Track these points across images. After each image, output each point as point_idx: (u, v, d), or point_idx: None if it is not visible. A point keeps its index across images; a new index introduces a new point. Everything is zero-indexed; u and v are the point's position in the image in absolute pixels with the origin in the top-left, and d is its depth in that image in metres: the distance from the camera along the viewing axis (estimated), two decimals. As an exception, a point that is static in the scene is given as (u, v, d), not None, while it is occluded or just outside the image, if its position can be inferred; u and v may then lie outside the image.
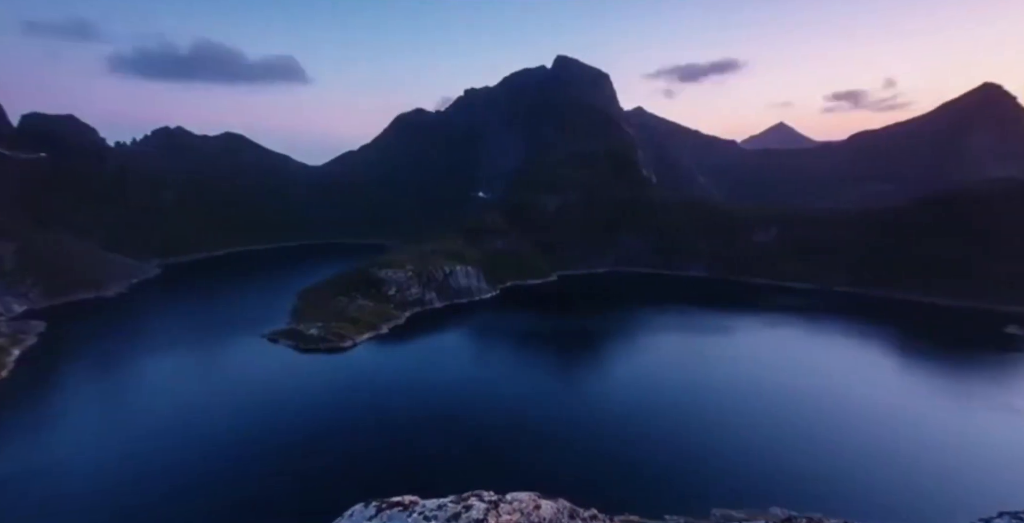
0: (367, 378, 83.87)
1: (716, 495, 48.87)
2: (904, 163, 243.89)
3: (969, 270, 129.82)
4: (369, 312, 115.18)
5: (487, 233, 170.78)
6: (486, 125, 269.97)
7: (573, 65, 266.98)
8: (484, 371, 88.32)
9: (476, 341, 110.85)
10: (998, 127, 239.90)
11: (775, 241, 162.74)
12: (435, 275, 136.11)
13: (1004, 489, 51.35)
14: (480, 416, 68.47)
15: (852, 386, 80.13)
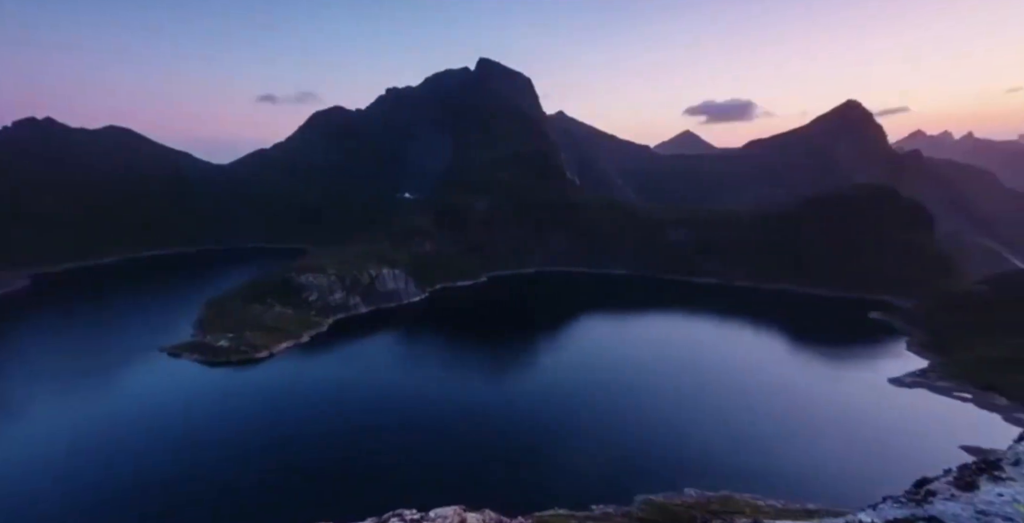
0: (284, 390, 77.75)
1: (638, 482, 50.83)
2: (788, 169, 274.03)
3: (842, 264, 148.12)
4: (288, 320, 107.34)
5: (415, 235, 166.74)
6: (410, 125, 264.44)
7: (496, 68, 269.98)
8: (411, 377, 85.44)
9: (404, 346, 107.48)
10: (859, 139, 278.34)
11: (686, 240, 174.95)
12: (360, 279, 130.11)
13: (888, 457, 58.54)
14: (407, 425, 65.94)
15: (751, 371, 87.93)
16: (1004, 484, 2.30)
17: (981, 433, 62.59)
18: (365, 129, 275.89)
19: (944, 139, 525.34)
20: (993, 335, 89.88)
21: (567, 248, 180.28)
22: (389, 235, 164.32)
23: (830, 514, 38.37)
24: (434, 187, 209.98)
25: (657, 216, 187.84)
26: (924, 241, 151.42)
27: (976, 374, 77.98)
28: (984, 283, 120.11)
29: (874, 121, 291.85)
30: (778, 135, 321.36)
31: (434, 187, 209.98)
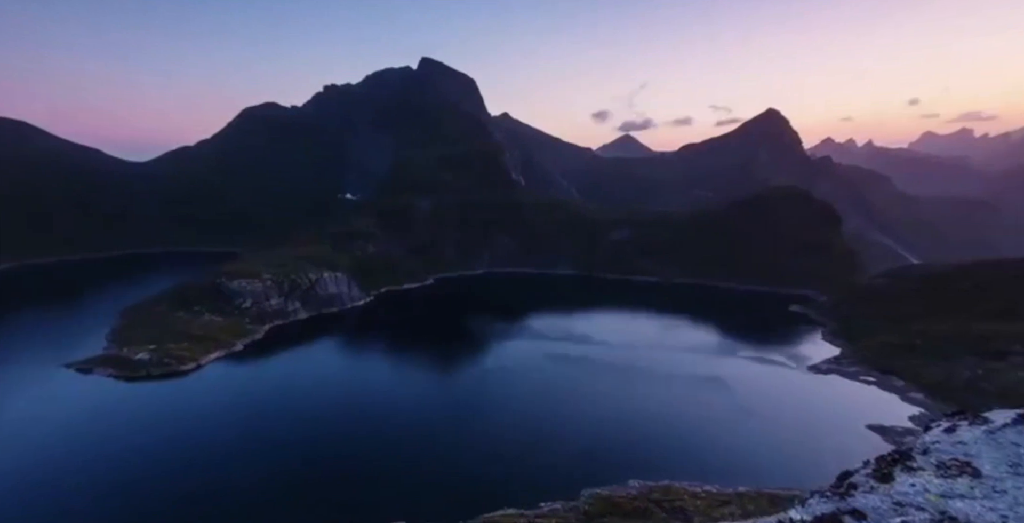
0: (213, 403, 72.73)
1: (583, 477, 52.02)
2: (718, 173, 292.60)
3: (766, 261, 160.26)
4: (218, 328, 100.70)
5: (358, 237, 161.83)
6: (351, 124, 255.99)
7: (439, 68, 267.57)
8: (354, 383, 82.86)
9: (347, 351, 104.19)
10: (778, 145, 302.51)
11: (627, 240, 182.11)
12: (300, 283, 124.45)
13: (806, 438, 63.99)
14: (349, 434, 63.69)
15: (687, 363, 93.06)
16: (916, 475, 2.46)
17: (882, 412, 70.03)
18: (302, 127, 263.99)
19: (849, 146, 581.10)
20: (892, 324, 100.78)
21: (513, 249, 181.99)
22: (330, 237, 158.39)
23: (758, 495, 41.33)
24: (377, 188, 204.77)
25: (599, 217, 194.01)
26: (834, 239, 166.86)
27: (878, 359, 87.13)
28: (883, 277, 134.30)
29: (791, 128, 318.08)
30: (708, 140, 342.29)
31: (377, 188, 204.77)
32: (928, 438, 2.89)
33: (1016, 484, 2.54)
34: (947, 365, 78.10)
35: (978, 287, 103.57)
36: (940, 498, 2.45)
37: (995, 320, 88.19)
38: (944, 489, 2.54)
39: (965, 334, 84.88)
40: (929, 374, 77.72)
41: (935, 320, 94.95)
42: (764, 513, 31.63)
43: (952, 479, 2.62)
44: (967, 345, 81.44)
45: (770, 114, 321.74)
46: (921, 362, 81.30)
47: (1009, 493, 2.47)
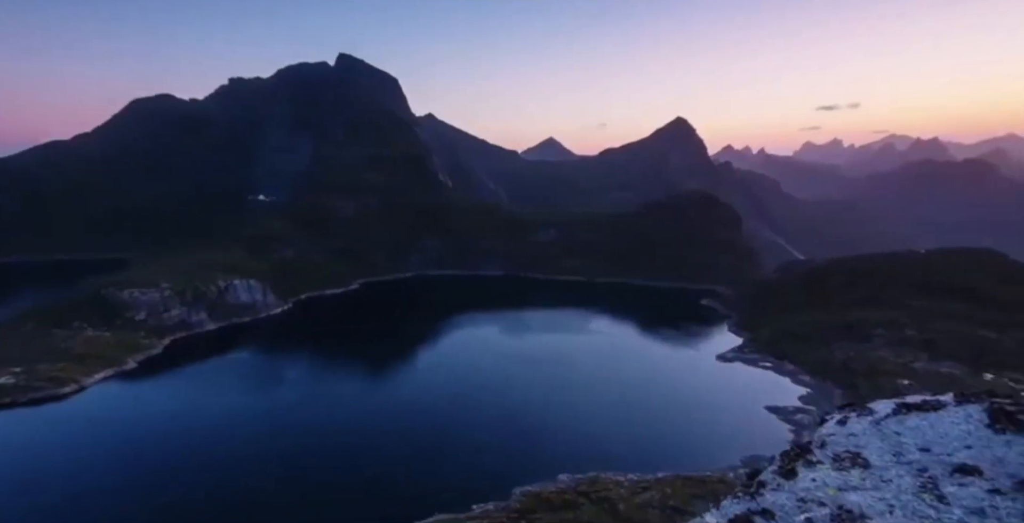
0: (92, 432, 64.24)
1: (514, 476, 52.96)
2: (634, 176, 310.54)
3: (679, 259, 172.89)
4: (105, 345, 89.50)
5: (274, 241, 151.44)
6: (262, 120, 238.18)
7: (358, 65, 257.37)
8: (267, 397, 77.40)
9: (262, 363, 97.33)
10: (686, 150, 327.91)
11: (553, 241, 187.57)
12: (206, 292, 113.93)
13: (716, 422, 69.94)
14: (261, 453, 59.03)
15: (609, 357, 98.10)
16: (815, 469, 2.85)
17: (777, 394, 78.65)
18: (204, 122, 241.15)
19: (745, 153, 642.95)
20: (783, 314, 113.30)
21: (443, 251, 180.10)
22: (242, 241, 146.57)
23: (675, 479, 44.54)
24: (294, 189, 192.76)
25: (526, 219, 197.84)
26: (736, 238, 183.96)
27: (773, 347, 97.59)
28: (775, 272, 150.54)
29: (697, 136, 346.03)
30: (626, 145, 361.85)
31: (294, 189, 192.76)
32: (824, 431, 3.17)
33: (899, 472, 2.69)
34: (826, 348, 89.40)
35: (848, 279, 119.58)
36: (838, 492, 2.60)
37: (862, 307, 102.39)
38: (840, 482, 2.68)
39: (839, 320, 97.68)
40: (813, 357, 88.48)
41: (816, 309, 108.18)
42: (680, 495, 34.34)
43: (846, 471, 2.74)
44: (841, 330, 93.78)
45: (679, 122, 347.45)
46: (807, 347, 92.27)
47: (894, 482, 2.63)
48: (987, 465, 2.56)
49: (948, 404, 2.89)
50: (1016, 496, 2.35)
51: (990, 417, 2.81)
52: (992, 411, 2.85)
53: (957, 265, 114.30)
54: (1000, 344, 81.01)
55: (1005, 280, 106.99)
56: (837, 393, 76.17)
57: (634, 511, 45.57)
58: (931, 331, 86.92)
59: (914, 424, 2.84)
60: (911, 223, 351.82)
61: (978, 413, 2.87)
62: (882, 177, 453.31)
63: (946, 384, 69.98)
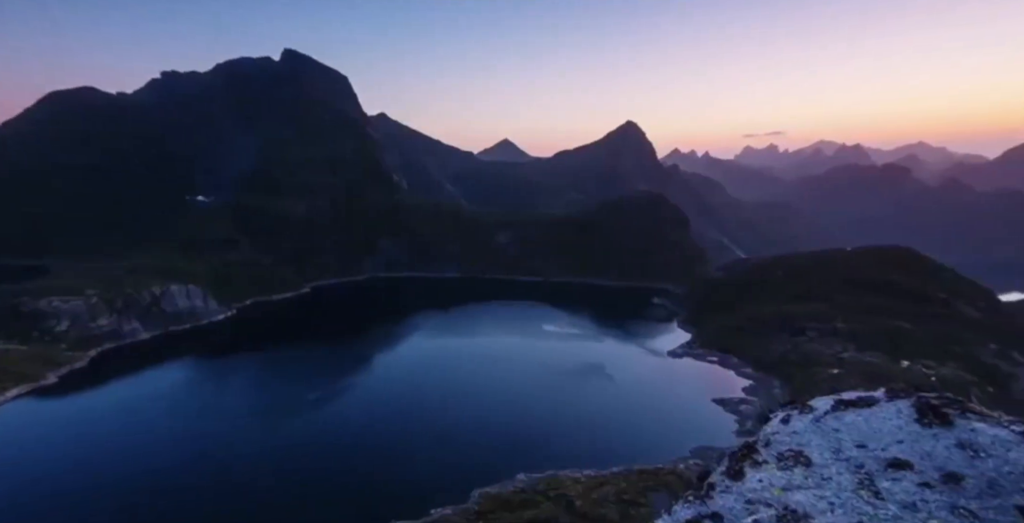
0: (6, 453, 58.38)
1: (473, 478, 52.81)
2: (588, 178, 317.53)
3: (632, 259, 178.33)
4: (19, 359, 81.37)
5: (216, 244, 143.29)
6: (200, 117, 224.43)
7: (306, 62, 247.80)
8: (208, 410, 72.85)
9: (201, 373, 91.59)
10: (636, 153, 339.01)
11: (511, 242, 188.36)
12: (138, 299, 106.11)
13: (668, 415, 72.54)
14: (203, 470, 55.64)
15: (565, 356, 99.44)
16: (761, 469, 2.91)
17: (723, 387, 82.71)
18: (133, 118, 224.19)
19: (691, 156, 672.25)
20: (728, 310, 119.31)
21: (399, 253, 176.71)
22: (179, 245, 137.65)
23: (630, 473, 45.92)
24: (238, 189, 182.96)
25: (484, 220, 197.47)
26: (684, 238, 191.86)
27: (719, 341, 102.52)
28: (720, 270, 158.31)
29: (646, 139, 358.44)
30: (581, 147, 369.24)
31: (238, 189, 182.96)
32: (769, 429, 3.30)
33: (838, 469, 2.73)
34: (766, 342, 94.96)
35: (785, 276, 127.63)
36: (783, 491, 2.62)
37: (797, 303, 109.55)
38: (785, 482, 2.70)
39: (777, 315, 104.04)
40: (754, 351, 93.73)
41: (757, 305, 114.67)
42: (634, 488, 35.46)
43: (790, 470, 2.78)
44: (779, 324, 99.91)
45: (629, 126, 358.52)
46: (749, 341, 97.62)
47: (834, 479, 2.67)
48: (917, 459, 2.63)
49: (880, 400, 3.10)
50: (943, 489, 2.43)
51: (918, 412, 2.88)
52: (920, 406, 2.91)
53: (878, 262, 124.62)
54: (914, 334, 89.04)
55: (918, 275, 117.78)
56: (776, 384, 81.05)
57: (590, 507, 46.53)
58: (856, 323, 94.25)
59: (850, 420, 2.95)
60: (839, 222, 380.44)
61: (907, 408, 2.93)
62: (813, 180, 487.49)
63: (870, 372, 76.14)
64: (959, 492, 2.40)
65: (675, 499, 3.31)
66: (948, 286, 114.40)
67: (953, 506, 2.33)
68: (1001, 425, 2.75)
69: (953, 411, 2.88)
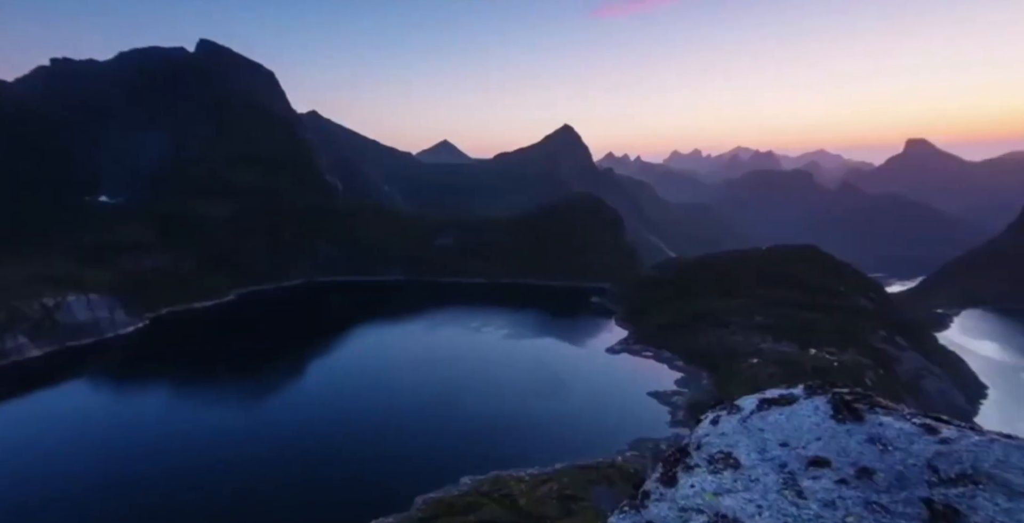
0: None
1: (415, 485, 51.78)
2: (527, 180, 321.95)
3: (571, 259, 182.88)
4: None
5: (124, 249, 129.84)
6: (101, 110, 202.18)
7: (226, 54, 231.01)
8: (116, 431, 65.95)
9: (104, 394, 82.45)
10: (574, 156, 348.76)
11: (455, 244, 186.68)
12: (27, 311, 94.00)
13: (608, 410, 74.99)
14: (123, 495, 50.91)
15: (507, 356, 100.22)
16: (693, 474, 2.94)
17: (658, 380, 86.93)
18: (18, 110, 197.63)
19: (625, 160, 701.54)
20: (661, 306, 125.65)
21: (337, 256, 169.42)
22: (79, 250, 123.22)
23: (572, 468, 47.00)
24: (149, 189, 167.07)
25: (425, 222, 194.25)
26: (619, 239, 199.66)
27: (653, 337, 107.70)
28: (654, 269, 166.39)
29: (583, 142, 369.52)
30: (520, 149, 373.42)
31: (149, 189, 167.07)
32: (700, 432, 3.37)
33: (764, 470, 2.75)
34: (695, 336, 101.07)
35: (710, 274, 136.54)
36: (714, 497, 2.63)
37: (722, 298, 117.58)
38: (716, 486, 2.70)
39: (705, 310, 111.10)
40: (684, 344, 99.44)
41: (687, 301, 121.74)
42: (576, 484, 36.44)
43: (720, 474, 2.81)
44: (706, 319, 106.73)
45: (566, 129, 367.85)
46: (680, 336, 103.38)
47: (760, 481, 2.69)
48: (834, 456, 2.70)
49: (800, 397, 3.29)
50: (858, 484, 2.50)
51: (833, 408, 2.99)
52: (834, 402, 3.03)
53: (788, 259, 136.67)
54: (820, 324, 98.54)
55: (822, 271, 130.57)
56: (704, 375, 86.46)
57: (534, 505, 47.13)
58: (772, 316, 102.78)
59: (774, 419, 3.14)
60: (755, 222, 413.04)
61: (824, 405, 3.05)
62: (732, 183, 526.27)
63: (784, 360, 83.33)
64: (872, 487, 2.46)
65: (614, 492, 3.35)
66: (846, 280, 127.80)
67: (867, 501, 2.39)
68: (905, 418, 2.82)
69: (863, 406, 2.96)
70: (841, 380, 71.73)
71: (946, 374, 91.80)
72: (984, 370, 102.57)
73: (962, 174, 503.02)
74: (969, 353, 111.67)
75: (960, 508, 2.23)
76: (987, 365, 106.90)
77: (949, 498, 2.28)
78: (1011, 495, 2.21)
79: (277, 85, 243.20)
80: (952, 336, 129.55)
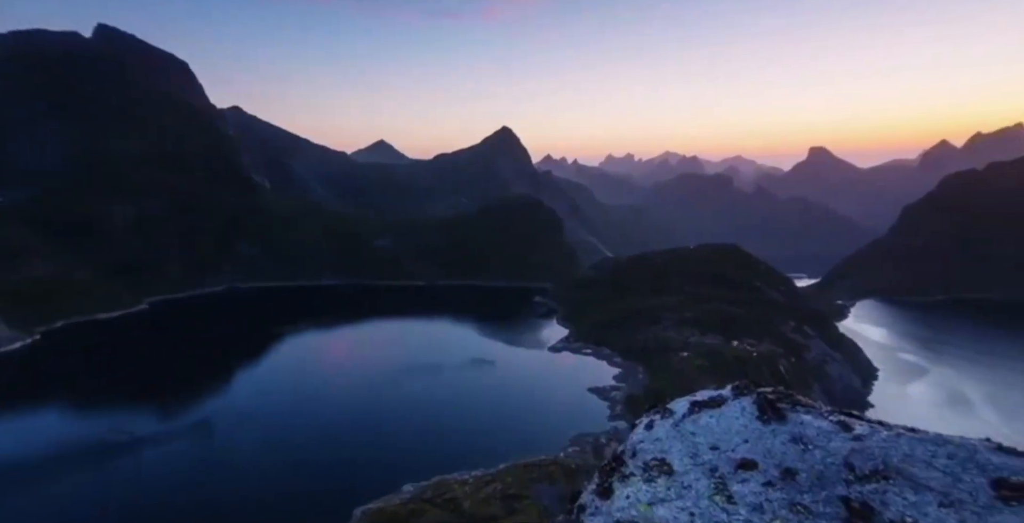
0: None
1: (352, 497, 49.75)
2: (467, 181, 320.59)
3: (513, 260, 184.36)
4: None
5: (9, 254, 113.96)
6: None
7: (131, 42, 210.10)
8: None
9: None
10: (513, 159, 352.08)
11: (393, 246, 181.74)
12: None
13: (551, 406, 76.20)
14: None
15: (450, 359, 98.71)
16: (628, 483, 2.88)
17: (597, 376, 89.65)
18: None
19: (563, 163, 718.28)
20: (600, 305, 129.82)
21: (263, 260, 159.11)
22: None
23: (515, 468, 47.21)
24: (42, 188, 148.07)
25: (362, 223, 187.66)
26: (558, 239, 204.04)
27: (593, 335, 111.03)
28: (592, 268, 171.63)
29: (521, 144, 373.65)
30: (460, 151, 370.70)
31: (42, 188, 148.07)
32: (635, 438, 3.33)
33: (696, 476, 2.73)
34: (631, 332, 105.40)
35: (644, 272, 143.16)
36: (648, 507, 2.60)
37: (655, 296, 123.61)
38: (650, 495, 2.67)
39: (640, 308, 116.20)
40: (621, 341, 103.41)
41: (623, 299, 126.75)
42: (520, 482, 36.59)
43: (654, 482, 2.79)
44: (641, 316, 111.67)
45: (504, 131, 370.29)
46: (617, 333, 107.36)
47: (693, 487, 2.68)
48: (760, 457, 2.72)
49: (728, 398, 3.35)
50: (782, 485, 2.52)
51: (759, 409, 3.04)
52: (759, 403, 3.09)
53: (713, 258, 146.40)
54: (741, 318, 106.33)
55: (741, 268, 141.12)
56: (640, 370, 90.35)
57: (478, 507, 46.88)
58: (699, 311, 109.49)
59: (705, 422, 3.18)
60: (683, 223, 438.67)
61: (750, 406, 3.10)
62: (662, 186, 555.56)
63: (710, 352, 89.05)
64: (795, 487, 2.49)
65: (556, 488, 3.24)
66: (762, 276, 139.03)
67: (792, 503, 2.42)
68: (823, 416, 2.88)
69: (786, 406, 3.03)
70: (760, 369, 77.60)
71: (845, 359, 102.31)
72: (875, 354, 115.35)
73: (855, 179, 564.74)
74: (863, 339, 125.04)
75: (874, 505, 2.27)
76: (877, 349, 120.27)
77: (864, 495, 2.33)
78: (917, 489, 2.27)
79: (192, 77, 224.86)
80: (849, 324, 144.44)
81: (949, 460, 2.34)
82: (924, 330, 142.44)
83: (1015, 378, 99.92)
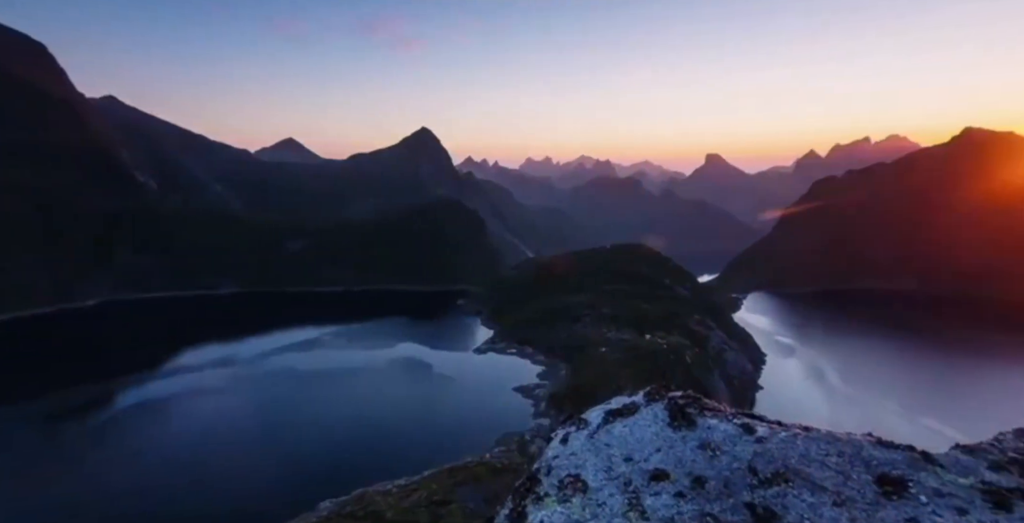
0: None
1: (266, 518, 46.42)
2: (385, 182, 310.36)
3: (434, 263, 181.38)
4: None
5: None
6: None
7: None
8: None
9: None
10: (434, 160, 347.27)
11: (306, 250, 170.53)
12: None
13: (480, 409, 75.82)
14: None
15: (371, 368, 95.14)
16: (543, 505, 2.68)
17: (522, 375, 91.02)
18: None
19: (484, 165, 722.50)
20: (522, 304, 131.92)
21: (150, 268, 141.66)
22: None
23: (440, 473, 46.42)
24: None
25: (270, 226, 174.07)
26: (482, 241, 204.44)
27: (516, 334, 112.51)
28: (514, 269, 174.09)
29: (441, 146, 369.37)
30: (377, 151, 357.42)
31: None
32: (550, 453, 3.20)
33: (610, 491, 2.70)
34: (552, 330, 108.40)
35: (564, 272, 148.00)
36: None
37: (574, 294, 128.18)
38: (564, 518, 2.61)
39: (560, 306, 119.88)
40: (544, 339, 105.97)
41: (544, 298, 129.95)
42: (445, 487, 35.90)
43: (569, 502, 2.71)
44: (561, 314, 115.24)
45: (423, 132, 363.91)
46: (539, 331, 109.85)
47: (607, 504, 2.62)
48: (672, 467, 2.72)
49: (640, 406, 3.33)
50: (693, 495, 2.52)
51: (670, 415, 3.06)
52: (670, 409, 3.10)
53: (626, 257, 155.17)
54: (652, 312, 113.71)
55: (651, 265, 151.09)
56: (562, 366, 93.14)
57: (402, 515, 45.37)
58: (615, 308, 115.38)
59: (619, 432, 3.14)
60: (598, 223, 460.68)
61: (661, 412, 3.11)
62: (578, 188, 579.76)
63: (627, 347, 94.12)
64: (705, 496, 2.50)
65: (481, 487, 3.04)
66: (670, 273, 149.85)
67: (702, 513, 2.43)
68: (728, 419, 2.93)
69: (694, 411, 3.06)
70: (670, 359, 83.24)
71: (740, 346, 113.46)
72: (761, 340, 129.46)
73: (744, 183, 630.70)
74: (753, 327, 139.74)
75: (776, 509, 2.30)
76: (763, 336, 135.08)
77: (767, 500, 2.36)
78: (813, 490, 2.31)
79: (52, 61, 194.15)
80: (742, 315, 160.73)
81: (839, 458, 2.41)
82: (797, 318, 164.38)
83: (854, 353, 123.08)
